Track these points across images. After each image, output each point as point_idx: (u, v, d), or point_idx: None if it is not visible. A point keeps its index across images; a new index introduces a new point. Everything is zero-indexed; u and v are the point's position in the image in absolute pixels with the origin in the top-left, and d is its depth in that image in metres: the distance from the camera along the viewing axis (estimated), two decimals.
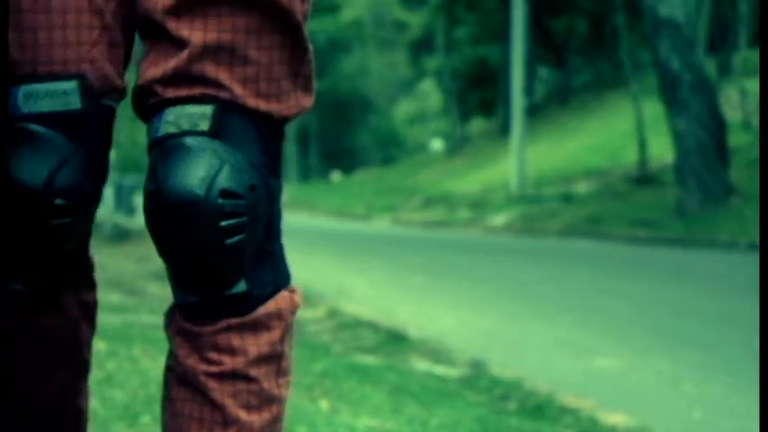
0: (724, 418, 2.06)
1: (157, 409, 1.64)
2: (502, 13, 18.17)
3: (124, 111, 0.81)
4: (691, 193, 8.17)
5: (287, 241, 0.75)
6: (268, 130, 0.75)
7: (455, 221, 11.75)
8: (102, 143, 0.76)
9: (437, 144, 21.89)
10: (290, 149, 32.61)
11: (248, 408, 0.75)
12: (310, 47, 0.77)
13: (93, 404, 1.62)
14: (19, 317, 0.75)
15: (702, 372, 2.53)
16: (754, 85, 10.65)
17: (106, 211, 7.70)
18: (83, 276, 0.79)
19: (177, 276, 0.74)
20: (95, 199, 0.75)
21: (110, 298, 3.54)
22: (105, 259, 5.45)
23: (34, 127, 0.71)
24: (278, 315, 0.76)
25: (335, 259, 6.34)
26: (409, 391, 2.06)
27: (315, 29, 31.62)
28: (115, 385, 1.81)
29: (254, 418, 0.75)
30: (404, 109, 34.95)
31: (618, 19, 12.70)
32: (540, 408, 2.02)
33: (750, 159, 8.71)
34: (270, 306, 0.76)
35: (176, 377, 0.76)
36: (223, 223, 0.72)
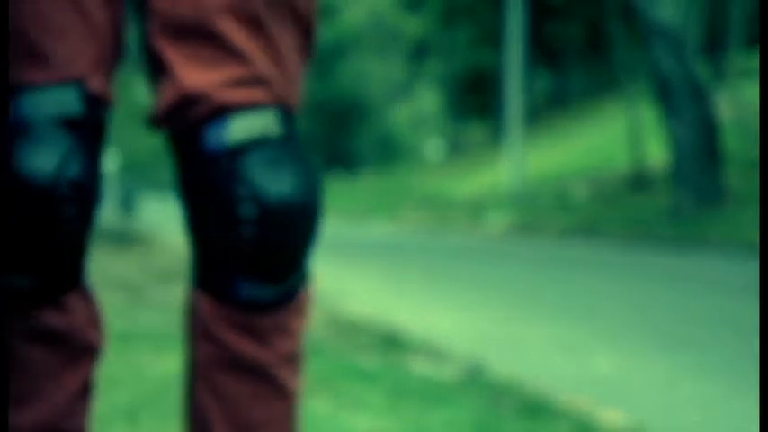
0: (721, 419, 2.07)
1: (159, 408, 1.65)
2: (499, 19, 18.22)
3: (125, 113, 0.83)
4: (685, 197, 8.20)
5: None
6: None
7: (452, 224, 11.77)
8: (97, 151, 0.78)
9: (433, 147, 21.91)
10: None
11: (295, 377, 0.82)
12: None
13: (94, 404, 1.62)
14: (23, 310, 0.76)
15: (699, 372, 2.54)
16: (747, 89, 10.69)
17: (110, 213, 7.70)
18: (78, 282, 0.80)
19: (260, 273, 0.77)
20: (96, 200, 0.77)
21: (112, 299, 3.54)
22: (108, 260, 5.44)
23: (39, 126, 0.74)
24: (311, 296, 0.83)
25: (334, 261, 6.34)
26: (407, 391, 2.07)
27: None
28: (116, 385, 1.82)
29: (298, 384, 0.82)
30: (401, 113, 34.96)
31: (613, 24, 12.75)
32: (537, 408, 2.04)
33: (744, 162, 8.74)
34: (308, 289, 0.82)
35: (226, 365, 0.79)
36: (312, 219, 0.78)
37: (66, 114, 0.75)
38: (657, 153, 10.38)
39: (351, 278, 5.20)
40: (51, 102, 0.74)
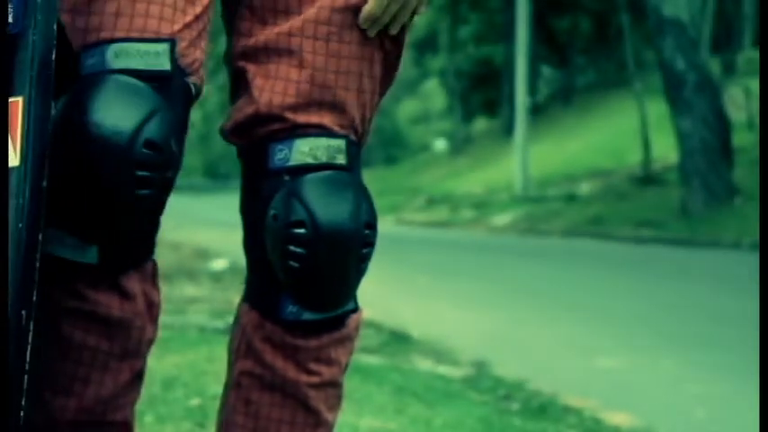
0: (728, 418, 2.06)
1: (160, 408, 1.65)
2: (505, 13, 18.16)
3: None
4: (695, 193, 8.15)
5: None
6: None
7: (458, 221, 11.76)
8: (183, 119, 0.74)
9: (440, 144, 21.88)
10: None
11: (332, 409, 0.81)
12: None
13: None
14: (78, 290, 0.72)
15: (706, 372, 2.52)
16: (758, 85, 10.60)
17: None
18: (146, 260, 0.76)
19: (305, 296, 0.77)
20: (176, 168, 0.73)
21: None
22: None
23: (125, 78, 0.70)
24: (358, 327, 0.82)
25: None
26: (412, 391, 2.06)
27: None
28: None
29: (334, 416, 0.82)
30: (407, 109, 34.93)
31: (622, 18, 12.68)
32: (543, 408, 2.02)
33: (754, 159, 8.68)
34: (355, 319, 0.81)
35: (263, 383, 0.78)
36: (363, 251, 0.77)
37: (156, 69, 0.70)
38: (667, 149, 10.31)
39: None
40: (141, 54, 0.70)
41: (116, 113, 0.69)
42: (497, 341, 3.04)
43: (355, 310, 0.80)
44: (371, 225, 0.77)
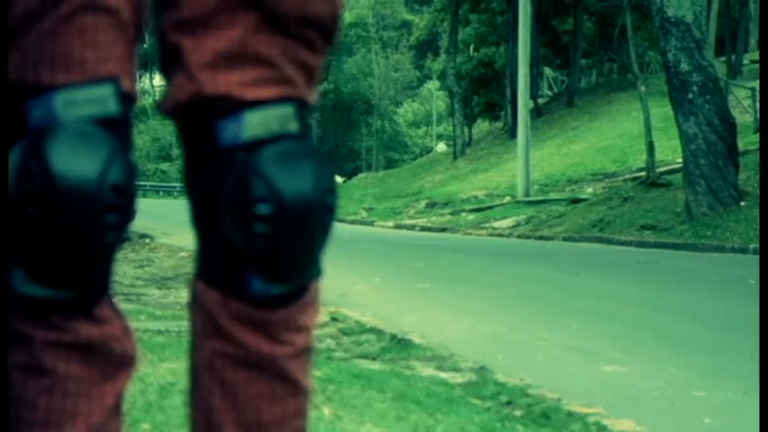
0: (734, 425, 2.02)
1: (157, 416, 1.62)
2: (508, 15, 18.16)
3: None
4: (699, 197, 8.12)
5: None
6: None
7: (460, 225, 11.73)
8: (129, 152, 0.74)
9: (441, 147, 21.86)
10: None
11: (308, 376, 0.80)
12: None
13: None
14: (56, 323, 0.72)
15: (712, 378, 2.49)
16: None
17: None
18: (108, 288, 0.76)
19: (273, 272, 0.75)
20: (134, 205, 0.73)
21: None
22: None
23: (78, 126, 0.70)
24: (318, 289, 0.81)
25: (338, 263, 6.32)
26: (414, 397, 2.03)
27: None
28: None
29: (309, 379, 0.81)
30: (408, 111, 34.91)
31: (625, 19, 12.66)
32: (546, 414, 1.99)
33: (759, 161, 8.64)
34: (316, 283, 0.80)
35: (236, 361, 0.77)
36: (326, 218, 0.76)
37: (105, 114, 0.71)
38: (672, 151, 10.27)
39: (354, 279, 5.16)
40: (88, 101, 0.70)
41: (78, 163, 0.69)
42: (500, 347, 3.00)
43: (318, 274, 0.79)
44: (332, 189, 0.76)
